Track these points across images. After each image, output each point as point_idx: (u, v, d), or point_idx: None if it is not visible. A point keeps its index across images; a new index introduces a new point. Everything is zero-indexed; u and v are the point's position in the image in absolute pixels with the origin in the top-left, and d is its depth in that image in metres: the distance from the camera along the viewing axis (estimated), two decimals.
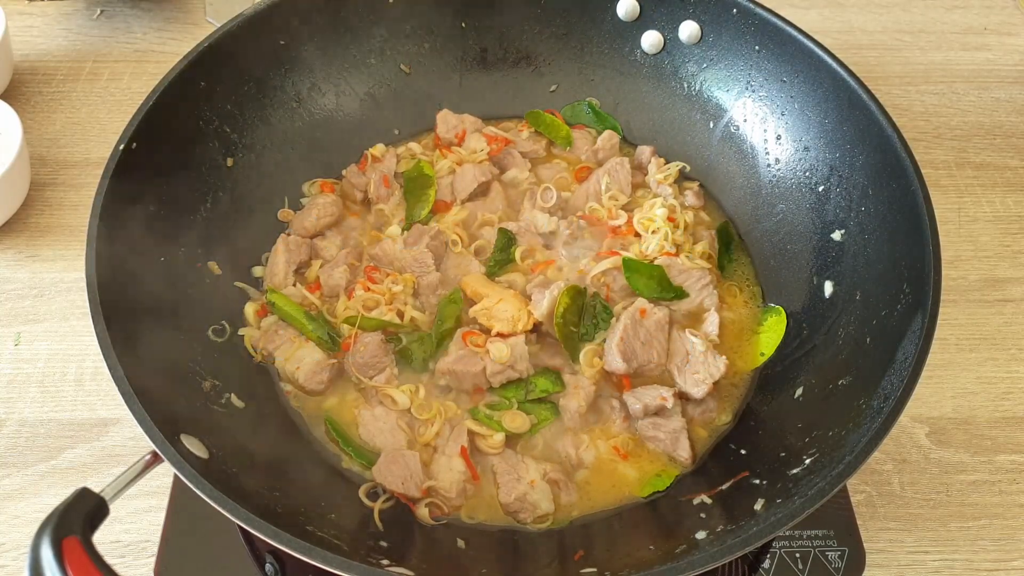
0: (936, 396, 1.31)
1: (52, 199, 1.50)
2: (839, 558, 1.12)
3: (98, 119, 1.62)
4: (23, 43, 1.74)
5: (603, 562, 0.96)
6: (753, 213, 1.35)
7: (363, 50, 1.42)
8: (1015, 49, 1.81)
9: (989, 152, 1.63)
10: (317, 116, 1.39)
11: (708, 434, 1.17)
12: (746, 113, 1.37)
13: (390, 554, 0.95)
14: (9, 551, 1.14)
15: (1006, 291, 1.43)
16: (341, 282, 1.24)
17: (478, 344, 1.17)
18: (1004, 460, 1.25)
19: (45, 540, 0.75)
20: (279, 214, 1.34)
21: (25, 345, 1.32)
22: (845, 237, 1.20)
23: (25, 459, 1.21)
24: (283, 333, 1.20)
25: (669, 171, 1.39)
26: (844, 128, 1.22)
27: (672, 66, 1.43)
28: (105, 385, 1.28)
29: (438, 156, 1.42)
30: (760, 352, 1.23)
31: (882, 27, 1.85)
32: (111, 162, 1.07)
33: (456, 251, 1.30)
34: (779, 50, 1.29)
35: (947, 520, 1.19)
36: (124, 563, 1.13)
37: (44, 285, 1.39)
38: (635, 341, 1.16)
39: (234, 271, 1.25)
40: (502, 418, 1.14)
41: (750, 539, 0.86)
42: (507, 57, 1.49)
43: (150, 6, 1.83)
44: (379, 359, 1.18)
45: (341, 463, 1.13)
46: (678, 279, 1.25)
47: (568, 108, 1.49)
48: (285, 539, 0.83)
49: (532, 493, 1.07)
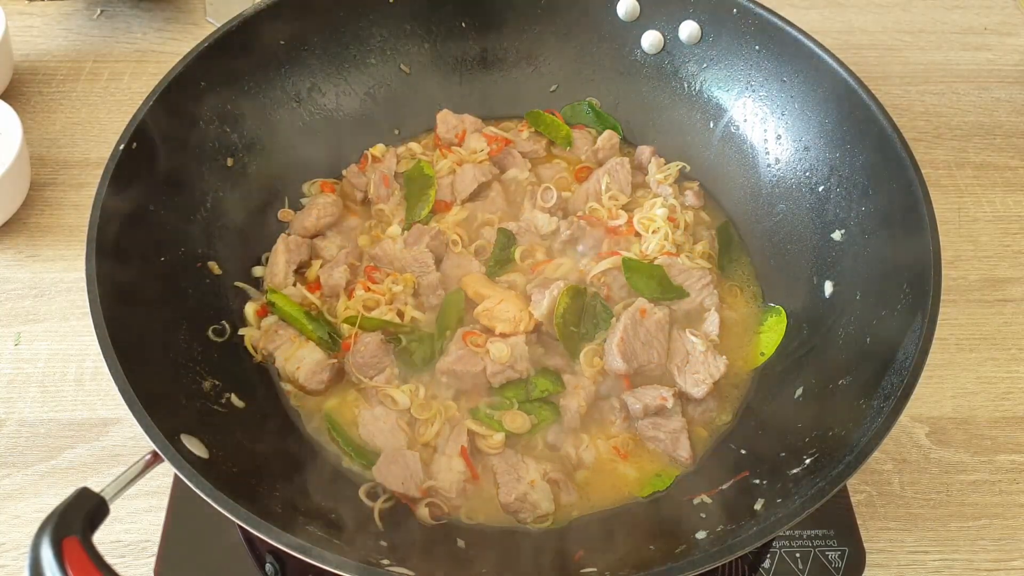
0: (936, 396, 1.31)
1: (52, 199, 1.49)
2: (839, 558, 1.12)
3: (98, 119, 1.62)
4: (23, 43, 1.74)
5: (603, 562, 0.96)
6: (753, 213, 1.35)
7: (363, 50, 1.42)
8: (1015, 49, 1.81)
9: (989, 152, 1.63)
10: (317, 116, 1.39)
11: (708, 434, 1.17)
12: (746, 113, 1.37)
13: (390, 554, 0.96)
14: (9, 551, 1.14)
15: (1006, 291, 1.43)
16: (341, 282, 1.24)
17: (478, 344, 1.17)
18: (1004, 460, 1.25)
19: (45, 540, 0.75)
20: (279, 214, 1.34)
21: (25, 345, 1.32)
22: (845, 237, 1.20)
23: (25, 459, 1.21)
24: (283, 333, 1.20)
25: (669, 171, 1.39)
26: (844, 128, 1.22)
27: (672, 66, 1.43)
28: (105, 385, 1.28)
29: (438, 156, 1.42)
30: (760, 352, 1.23)
31: (882, 27, 1.85)
32: (111, 162, 1.07)
33: (456, 251, 1.30)
34: (779, 50, 1.29)
35: (947, 520, 1.19)
36: (124, 563, 1.13)
37: (44, 285, 1.39)
38: (635, 341, 1.16)
39: (234, 271, 1.25)
40: (502, 418, 1.13)
41: (750, 539, 0.86)
42: (507, 57, 1.49)
43: (150, 6, 1.82)
44: (379, 359, 1.18)
45: (341, 463, 1.13)
46: (678, 279, 1.25)
47: (568, 108, 1.49)
48: (285, 539, 0.83)
49: (532, 493, 1.07)
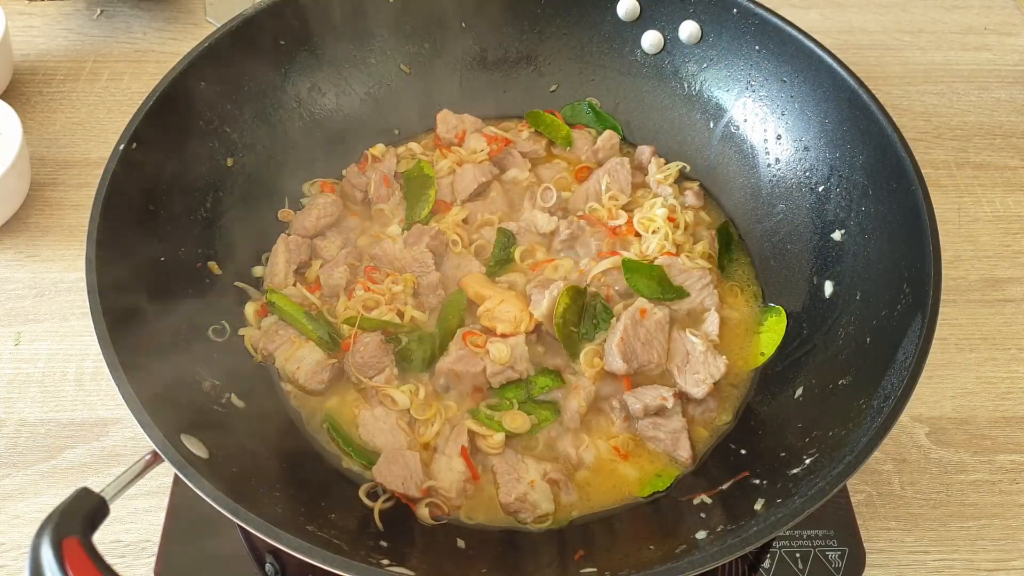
0: (936, 396, 1.31)
1: (52, 199, 1.49)
2: (839, 558, 1.12)
3: (98, 119, 1.62)
4: (23, 43, 1.74)
5: (603, 562, 0.96)
6: (753, 213, 1.35)
7: (363, 50, 1.42)
8: (1015, 49, 1.81)
9: (989, 152, 1.63)
10: (317, 116, 1.39)
11: (708, 434, 1.16)
12: (746, 113, 1.37)
13: (390, 554, 0.95)
14: (9, 551, 1.14)
15: (1006, 291, 1.43)
16: (341, 282, 1.24)
17: (478, 344, 1.17)
18: (1004, 460, 1.25)
19: (45, 540, 0.75)
20: (279, 214, 1.34)
21: (25, 345, 1.32)
22: (845, 237, 1.20)
23: (25, 459, 1.21)
24: (283, 333, 1.20)
25: (669, 171, 1.39)
26: (844, 128, 1.22)
27: (672, 66, 1.43)
28: (105, 385, 1.28)
29: (438, 156, 1.42)
30: (760, 352, 1.23)
31: (882, 27, 1.85)
32: (111, 162, 1.07)
33: (456, 251, 1.30)
34: (779, 50, 1.29)
35: (947, 520, 1.19)
36: (124, 563, 1.13)
37: (44, 285, 1.39)
38: (635, 341, 1.16)
39: (234, 271, 1.25)
40: (503, 418, 1.13)
41: (750, 539, 0.86)
42: (507, 57, 1.49)
43: (150, 6, 1.82)
44: (379, 359, 1.18)
45: (341, 463, 1.13)
46: (678, 279, 1.25)
47: (568, 108, 1.49)
48: (285, 539, 0.83)
49: (532, 493, 1.07)
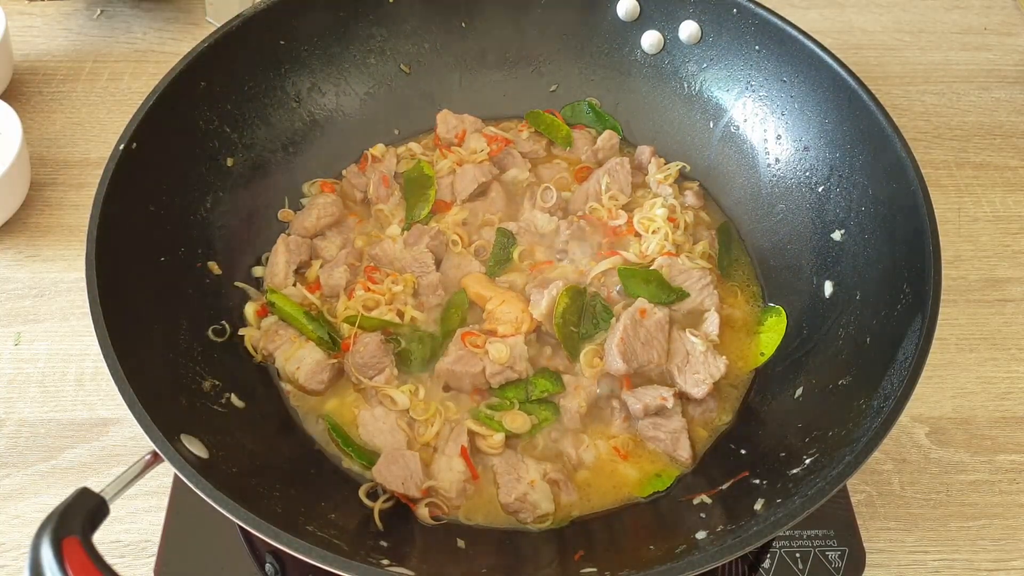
0: (936, 396, 1.31)
1: (52, 199, 1.49)
2: (839, 558, 1.12)
3: (98, 119, 1.62)
4: (23, 43, 1.73)
5: (603, 562, 0.96)
6: (753, 213, 1.35)
7: (363, 50, 1.42)
8: (1015, 49, 1.81)
9: (989, 152, 1.63)
10: (317, 116, 1.39)
11: (708, 434, 1.16)
12: (746, 113, 1.37)
13: (390, 554, 0.95)
14: (9, 551, 1.14)
15: (1006, 291, 1.43)
16: (341, 282, 1.24)
17: (477, 345, 1.17)
18: (1004, 460, 1.25)
19: (45, 540, 0.75)
20: (279, 214, 1.34)
21: (25, 345, 1.32)
22: (845, 237, 1.20)
23: (25, 459, 1.21)
24: (283, 333, 1.20)
25: (669, 171, 1.39)
26: (844, 128, 1.22)
27: (672, 66, 1.43)
28: (105, 385, 1.28)
29: (438, 156, 1.42)
30: (760, 352, 1.23)
31: (882, 27, 1.85)
32: (111, 162, 1.07)
33: (456, 251, 1.30)
34: (779, 50, 1.29)
35: (947, 520, 1.19)
36: (124, 563, 1.13)
37: (44, 285, 1.39)
38: (635, 341, 1.16)
39: (234, 271, 1.25)
40: (503, 418, 1.13)
41: (750, 539, 0.86)
42: (507, 57, 1.49)
43: (150, 6, 1.82)
44: (379, 359, 1.17)
45: (341, 463, 1.13)
46: (678, 279, 1.25)
47: (568, 108, 1.49)
48: (285, 539, 0.83)
49: (532, 493, 1.07)
